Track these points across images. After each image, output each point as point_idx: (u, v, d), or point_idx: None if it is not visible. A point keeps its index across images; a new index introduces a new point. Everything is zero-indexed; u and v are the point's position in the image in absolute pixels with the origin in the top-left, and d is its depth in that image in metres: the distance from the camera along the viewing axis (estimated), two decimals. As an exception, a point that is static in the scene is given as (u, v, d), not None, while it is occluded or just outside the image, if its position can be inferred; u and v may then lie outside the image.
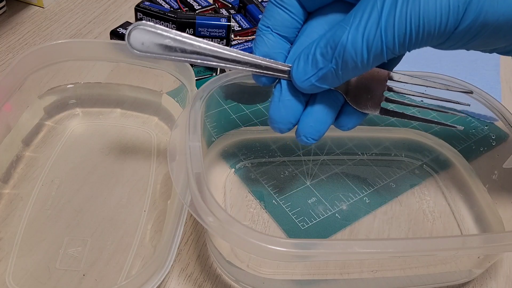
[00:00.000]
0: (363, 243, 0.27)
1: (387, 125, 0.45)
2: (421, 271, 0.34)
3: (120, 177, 0.38)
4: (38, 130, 0.41)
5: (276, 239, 0.26)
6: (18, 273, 0.31)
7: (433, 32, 0.23)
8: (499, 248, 0.29)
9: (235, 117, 0.43)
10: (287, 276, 0.33)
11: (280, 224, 0.36)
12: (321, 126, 0.29)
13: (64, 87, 0.43)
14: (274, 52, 0.29)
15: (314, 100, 0.29)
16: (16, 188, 0.36)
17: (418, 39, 0.24)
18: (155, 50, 0.27)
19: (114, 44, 0.41)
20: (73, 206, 0.35)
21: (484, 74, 0.54)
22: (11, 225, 0.34)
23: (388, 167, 0.42)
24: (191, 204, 0.28)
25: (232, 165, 0.41)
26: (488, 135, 0.40)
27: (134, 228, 0.34)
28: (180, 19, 0.49)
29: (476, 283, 0.35)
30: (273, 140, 0.43)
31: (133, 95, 0.44)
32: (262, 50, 0.29)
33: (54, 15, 0.56)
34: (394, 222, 0.38)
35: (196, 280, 0.33)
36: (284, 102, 0.29)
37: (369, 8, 0.24)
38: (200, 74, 0.49)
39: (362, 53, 0.24)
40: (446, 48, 0.26)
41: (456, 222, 0.38)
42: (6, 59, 0.49)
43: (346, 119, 0.30)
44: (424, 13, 0.23)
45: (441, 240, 0.28)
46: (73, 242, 0.33)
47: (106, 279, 0.31)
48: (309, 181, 0.40)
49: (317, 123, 0.29)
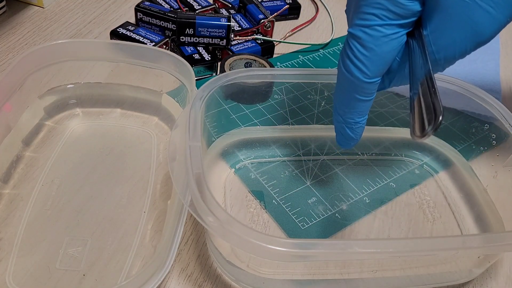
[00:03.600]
0: (363, 243, 0.27)
1: (387, 125, 0.45)
2: (421, 271, 0.34)
3: (120, 177, 0.38)
4: (38, 130, 0.41)
5: (276, 239, 0.26)
6: (18, 273, 0.31)
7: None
8: (499, 248, 0.29)
9: (235, 117, 0.43)
10: (287, 276, 0.33)
11: (280, 224, 0.36)
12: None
13: (64, 87, 0.43)
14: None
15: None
16: (16, 188, 0.36)
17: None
18: None
19: (114, 44, 0.41)
20: (73, 206, 0.35)
21: (484, 74, 0.54)
22: (11, 225, 0.34)
23: (388, 167, 0.42)
24: (191, 204, 0.28)
25: (232, 165, 0.41)
26: (488, 135, 0.40)
27: (134, 228, 0.34)
28: (180, 19, 0.49)
29: (476, 283, 0.35)
30: (273, 140, 0.43)
31: (133, 95, 0.44)
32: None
33: (54, 15, 0.56)
34: (394, 222, 0.38)
35: (196, 280, 0.33)
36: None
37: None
38: (200, 74, 0.49)
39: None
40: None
41: (456, 222, 0.38)
42: (6, 59, 0.49)
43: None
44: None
45: (441, 240, 0.29)
46: (73, 242, 0.33)
47: (106, 279, 0.31)
48: (309, 181, 0.40)
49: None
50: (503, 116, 0.37)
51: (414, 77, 0.28)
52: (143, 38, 0.49)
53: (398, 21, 0.27)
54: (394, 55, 0.29)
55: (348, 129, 0.32)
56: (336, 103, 0.32)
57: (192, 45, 0.50)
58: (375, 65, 0.28)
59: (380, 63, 0.28)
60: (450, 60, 0.28)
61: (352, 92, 0.30)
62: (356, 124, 0.31)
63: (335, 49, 0.57)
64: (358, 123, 0.31)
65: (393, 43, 0.28)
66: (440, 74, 0.39)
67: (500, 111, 0.37)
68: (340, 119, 0.32)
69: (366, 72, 0.28)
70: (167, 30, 0.51)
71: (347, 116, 0.31)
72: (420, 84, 0.27)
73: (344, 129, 0.32)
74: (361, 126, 0.32)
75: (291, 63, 0.53)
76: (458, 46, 0.27)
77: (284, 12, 0.59)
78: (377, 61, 0.28)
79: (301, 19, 0.61)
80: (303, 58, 0.54)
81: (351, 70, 0.29)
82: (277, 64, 0.53)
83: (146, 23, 0.52)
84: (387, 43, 0.28)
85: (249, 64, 0.47)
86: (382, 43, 0.28)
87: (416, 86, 0.27)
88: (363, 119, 0.31)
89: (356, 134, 0.32)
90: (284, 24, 0.60)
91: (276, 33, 0.57)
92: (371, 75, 0.29)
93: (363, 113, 0.31)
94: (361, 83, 0.29)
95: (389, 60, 0.29)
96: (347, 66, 0.29)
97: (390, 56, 0.28)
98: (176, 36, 0.49)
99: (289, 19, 0.61)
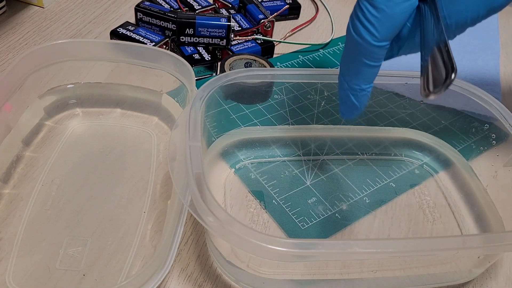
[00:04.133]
0: (363, 243, 0.27)
1: (387, 125, 0.45)
2: (421, 271, 0.34)
3: (120, 177, 0.38)
4: (38, 130, 0.41)
5: (276, 239, 0.26)
6: (18, 273, 0.31)
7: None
8: (499, 248, 0.29)
9: (235, 117, 0.43)
10: (287, 276, 0.33)
11: (280, 224, 0.36)
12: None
13: (64, 87, 0.43)
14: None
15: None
16: (16, 188, 0.36)
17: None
18: None
19: (114, 44, 0.41)
20: (73, 206, 0.35)
21: (484, 74, 0.54)
22: (11, 225, 0.34)
23: (388, 167, 0.42)
24: (191, 204, 0.28)
25: (232, 165, 0.41)
26: (488, 135, 0.40)
27: (134, 228, 0.34)
28: (180, 19, 0.49)
29: (476, 283, 0.35)
30: (273, 140, 0.43)
31: (133, 95, 0.44)
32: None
33: (54, 15, 0.56)
34: (394, 222, 0.38)
35: (196, 280, 0.33)
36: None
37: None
38: (200, 74, 0.49)
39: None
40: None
41: (456, 222, 0.38)
42: (6, 59, 0.49)
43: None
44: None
45: (441, 240, 0.29)
46: (73, 242, 0.33)
47: (106, 279, 0.31)
48: (309, 181, 0.40)
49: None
50: (503, 116, 0.37)
51: (426, 43, 0.27)
52: (143, 38, 0.49)
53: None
54: (405, 18, 0.28)
55: (353, 96, 0.31)
56: (342, 69, 0.31)
57: (192, 45, 0.50)
58: (385, 27, 0.28)
59: (390, 25, 0.28)
60: (461, 26, 0.28)
61: (360, 56, 0.29)
62: (361, 91, 0.31)
63: (335, 49, 0.57)
64: (363, 90, 0.31)
65: (405, 5, 0.28)
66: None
67: (500, 111, 0.37)
68: (346, 86, 0.31)
69: (375, 34, 0.28)
70: (167, 30, 0.51)
71: (353, 82, 0.31)
72: (431, 49, 0.26)
73: (349, 96, 0.31)
74: (366, 94, 0.31)
75: (291, 63, 0.53)
76: (471, 11, 0.27)
77: (284, 12, 0.59)
78: (387, 23, 0.28)
79: (301, 19, 0.61)
80: (303, 58, 0.54)
81: (360, 32, 0.28)
82: (277, 64, 0.53)
83: (146, 23, 0.52)
84: (399, 4, 0.27)
85: (249, 64, 0.47)
86: (393, 4, 0.27)
87: (428, 51, 0.27)
88: (369, 86, 0.31)
89: (360, 102, 0.32)
90: (284, 24, 0.60)
91: (276, 33, 0.57)
92: (381, 37, 0.28)
93: (370, 80, 0.31)
94: (370, 46, 0.29)
95: (400, 23, 0.28)
96: (356, 28, 0.28)
97: (401, 19, 0.28)
98: (176, 36, 0.49)
99: (289, 19, 0.61)
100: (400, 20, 0.28)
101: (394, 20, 0.28)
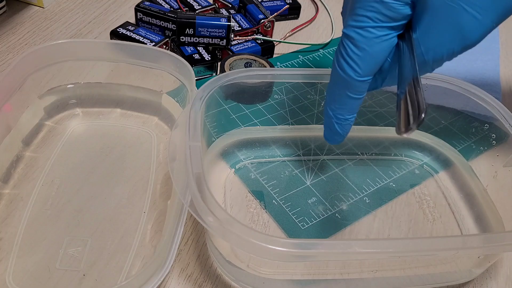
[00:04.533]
0: (363, 243, 0.27)
1: (387, 125, 0.45)
2: (421, 271, 0.34)
3: (120, 177, 0.38)
4: (38, 130, 0.41)
5: (276, 239, 0.26)
6: (18, 273, 0.31)
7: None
8: (499, 248, 0.29)
9: (235, 117, 0.43)
10: (287, 276, 0.33)
11: (280, 224, 0.36)
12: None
13: (64, 87, 0.43)
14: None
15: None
16: (16, 188, 0.36)
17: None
18: None
19: (114, 44, 0.41)
20: (73, 206, 0.35)
21: (484, 74, 0.54)
22: (11, 225, 0.34)
23: (388, 167, 0.42)
24: (191, 204, 0.28)
25: (232, 165, 0.41)
26: (488, 135, 0.40)
27: (134, 228, 0.34)
28: (180, 19, 0.49)
29: (476, 283, 0.35)
30: (273, 140, 0.43)
31: (133, 95, 0.44)
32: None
33: (54, 15, 0.56)
34: (394, 222, 0.38)
35: (196, 280, 0.33)
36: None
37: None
38: (200, 74, 0.49)
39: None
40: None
41: (456, 222, 0.38)
42: (6, 59, 0.49)
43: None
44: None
45: (441, 240, 0.29)
46: (73, 242, 0.33)
47: (106, 279, 0.31)
48: (309, 181, 0.40)
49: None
50: (503, 116, 0.37)
51: (402, 77, 0.29)
52: (143, 38, 0.49)
53: (390, 24, 0.29)
54: (385, 55, 0.30)
55: (337, 125, 0.33)
56: (328, 99, 0.33)
57: (192, 45, 0.50)
58: (366, 64, 0.30)
59: (371, 62, 0.30)
60: (438, 60, 0.29)
61: (344, 89, 0.31)
62: (345, 121, 0.33)
63: (335, 49, 0.56)
64: (347, 120, 0.33)
65: (384, 44, 0.29)
66: (440, 74, 0.39)
67: (500, 111, 0.37)
68: (330, 114, 0.33)
69: (358, 71, 0.30)
70: (167, 30, 0.51)
71: (337, 112, 0.33)
72: (407, 84, 0.28)
73: (333, 124, 0.33)
74: (349, 124, 0.33)
75: (291, 63, 0.53)
76: (446, 48, 0.29)
77: (284, 12, 0.59)
78: (368, 61, 0.30)
79: (301, 19, 0.61)
80: (303, 58, 0.54)
81: (344, 68, 0.30)
82: (277, 64, 0.53)
83: (146, 23, 0.52)
84: (379, 44, 0.29)
85: (249, 64, 0.47)
86: (374, 43, 0.29)
87: (403, 85, 0.28)
88: (352, 116, 0.33)
89: (343, 131, 0.34)
90: (284, 24, 0.60)
91: (276, 33, 0.57)
92: (363, 73, 0.30)
93: (353, 111, 0.33)
94: (353, 81, 0.30)
95: (380, 60, 0.30)
96: (340, 64, 0.30)
97: (381, 57, 0.30)
98: (176, 36, 0.49)
99: (289, 19, 0.61)
100: (381, 57, 0.30)
101: (374, 58, 0.30)
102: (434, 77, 0.39)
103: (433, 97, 0.42)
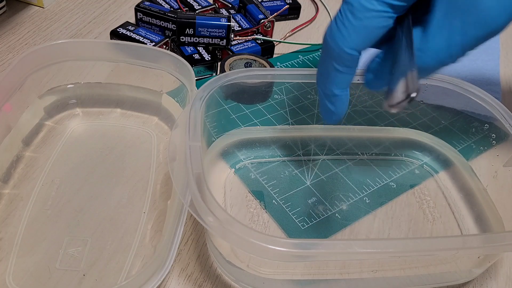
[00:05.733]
0: (363, 243, 0.27)
1: (387, 125, 0.45)
2: (421, 271, 0.34)
3: (120, 177, 0.38)
4: (38, 130, 0.41)
5: (276, 239, 0.26)
6: (18, 273, 0.31)
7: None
8: (499, 248, 0.29)
9: (235, 117, 0.43)
10: (287, 276, 0.33)
11: (280, 224, 0.36)
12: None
13: (64, 87, 0.43)
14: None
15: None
16: (16, 188, 0.36)
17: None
18: None
19: (114, 44, 0.41)
20: (73, 206, 0.35)
21: (484, 74, 0.54)
22: (11, 225, 0.34)
23: (388, 167, 0.42)
24: (191, 204, 0.28)
25: (232, 165, 0.41)
26: (488, 135, 0.40)
27: (134, 228, 0.34)
28: (180, 19, 0.49)
29: (476, 283, 0.35)
30: (273, 140, 0.43)
31: (133, 95, 0.44)
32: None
33: (54, 15, 0.56)
34: (394, 222, 0.38)
35: (196, 280, 0.33)
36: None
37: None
38: (200, 74, 0.49)
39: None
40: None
41: (456, 222, 0.38)
42: (6, 59, 0.49)
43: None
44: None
45: (441, 240, 0.28)
46: (73, 242, 0.33)
47: (106, 279, 0.31)
48: (309, 181, 0.40)
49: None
50: (503, 116, 0.37)
51: (397, 63, 0.29)
52: (143, 38, 0.49)
53: (392, 1, 0.29)
54: (377, 34, 0.30)
55: (327, 102, 0.32)
56: (317, 74, 0.32)
57: (192, 45, 0.50)
58: (357, 35, 0.29)
59: (362, 34, 0.29)
60: (464, 49, 0.28)
61: (331, 60, 0.31)
62: (334, 97, 0.32)
63: (335, 49, 0.57)
64: (336, 96, 0.32)
65: (380, 21, 0.29)
66: (440, 74, 0.39)
67: (500, 111, 0.37)
68: (319, 91, 0.32)
69: (347, 39, 0.29)
70: (167, 30, 0.51)
71: (326, 87, 0.32)
72: (402, 65, 0.27)
73: (323, 100, 0.32)
74: (340, 100, 0.32)
75: (291, 63, 0.53)
76: (470, 35, 0.28)
77: (284, 12, 0.59)
78: (360, 32, 0.29)
79: (301, 19, 0.61)
80: (303, 58, 0.54)
81: (333, 35, 0.30)
82: (277, 64, 0.53)
83: (146, 23, 0.52)
84: (375, 18, 0.29)
85: (249, 64, 0.47)
86: (371, 16, 0.29)
87: (397, 68, 0.28)
88: (341, 92, 0.32)
89: (335, 108, 0.32)
90: (284, 24, 0.60)
91: (276, 33, 0.57)
92: (352, 44, 0.30)
93: (341, 86, 0.32)
94: (341, 52, 0.30)
95: (372, 37, 0.30)
96: (332, 33, 0.30)
97: (374, 34, 0.30)
98: (176, 36, 0.49)
99: (289, 19, 0.61)
100: (373, 34, 0.30)
101: (367, 31, 0.29)
102: (434, 77, 0.39)
103: (433, 97, 0.42)
